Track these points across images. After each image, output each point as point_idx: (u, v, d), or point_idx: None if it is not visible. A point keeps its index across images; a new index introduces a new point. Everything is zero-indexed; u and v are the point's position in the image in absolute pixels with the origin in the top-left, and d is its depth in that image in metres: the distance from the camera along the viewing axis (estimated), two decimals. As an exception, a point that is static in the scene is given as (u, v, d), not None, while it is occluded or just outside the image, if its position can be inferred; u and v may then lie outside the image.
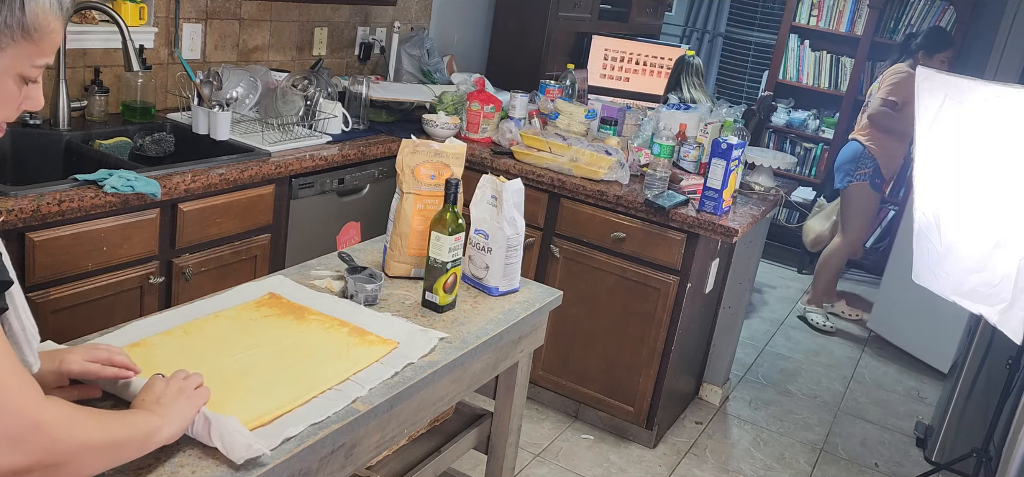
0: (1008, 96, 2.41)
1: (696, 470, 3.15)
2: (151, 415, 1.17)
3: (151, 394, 1.22)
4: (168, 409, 1.19)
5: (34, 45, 1.00)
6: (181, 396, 1.23)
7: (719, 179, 2.87)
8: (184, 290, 2.42)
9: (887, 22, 5.72)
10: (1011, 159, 2.41)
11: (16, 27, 0.97)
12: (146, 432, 1.14)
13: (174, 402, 1.21)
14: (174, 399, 1.21)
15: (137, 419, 1.15)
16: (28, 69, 1.01)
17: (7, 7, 0.96)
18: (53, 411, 0.99)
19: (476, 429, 2.10)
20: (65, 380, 1.28)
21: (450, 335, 1.71)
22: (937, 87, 2.54)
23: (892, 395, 4.08)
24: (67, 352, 1.29)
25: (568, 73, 3.88)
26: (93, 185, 2.14)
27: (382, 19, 3.90)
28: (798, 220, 5.71)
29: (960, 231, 2.54)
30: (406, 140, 1.94)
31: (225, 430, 1.21)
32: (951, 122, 2.51)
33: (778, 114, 6.09)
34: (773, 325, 4.71)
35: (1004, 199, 2.42)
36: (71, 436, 1.00)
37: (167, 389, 1.23)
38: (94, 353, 1.30)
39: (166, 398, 1.21)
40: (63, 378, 1.27)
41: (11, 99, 1.02)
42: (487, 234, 1.92)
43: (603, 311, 3.13)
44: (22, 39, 0.98)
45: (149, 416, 1.16)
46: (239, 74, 3.02)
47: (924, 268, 2.67)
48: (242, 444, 1.21)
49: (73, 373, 1.28)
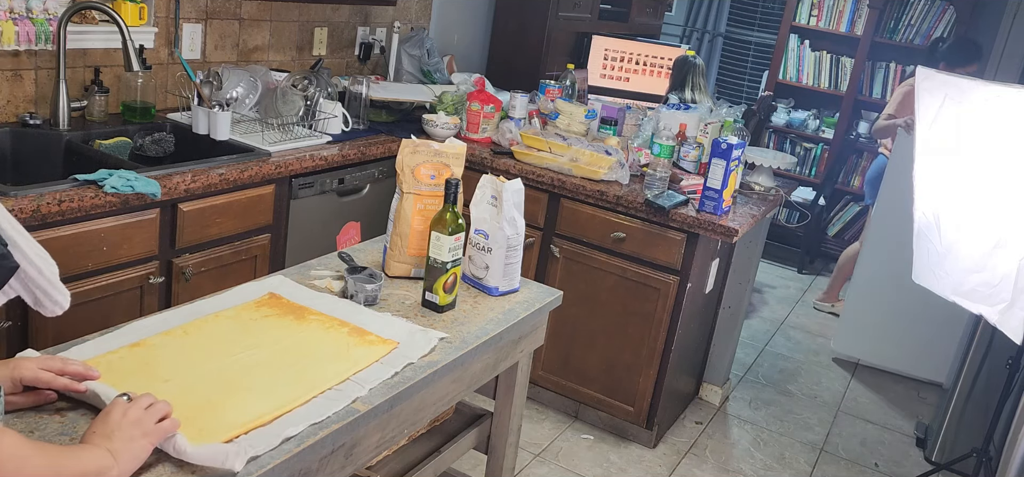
0: (1008, 96, 2.41)
1: (696, 470, 3.15)
2: (103, 453, 1.13)
3: (105, 426, 1.17)
4: (121, 447, 1.14)
5: None
6: (136, 430, 1.17)
7: (719, 179, 2.87)
8: (184, 290, 2.42)
9: (887, 22, 5.72)
10: (1011, 159, 2.41)
11: None
12: (95, 471, 1.11)
13: (129, 440, 1.16)
14: (129, 435, 1.16)
15: (88, 458, 1.12)
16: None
17: None
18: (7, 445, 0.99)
19: (476, 429, 2.10)
20: (19, 386, 1.27)
21: (450, 335, 1.71)
22: (937, 87, 2.54)
23: (892, 395, 4.08)
24: (21, 361, 1.29)
25: (568, 73, 3.88)
26: (93, 185, 2.14)
27: (382, 19, 3.90)
28: (799, 220, 5.71)
29: (960, 231, 2.54)
30: (406, 140, 1.94)
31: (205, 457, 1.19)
32: (951, 122, 2.51)
33: (778, 114, 6.09)
34: (773, 325, 4.71)
35: (1004, 199, 2.42)
36: (20, 472, 1.00)
37: (123, 420, 1.17)
38: (48, 362, 1.30)
39: (120, 433, 1.16)
40: (17, 385, 1.27)
41: None
42: (487, 234, 1.92)
43: (603, 311, 3.13)
44: None
45: (101, 455, 1.13)
46: (239, 74, 3.02)
47: (924, 268, 2.66)
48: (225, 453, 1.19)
49: (25, 380, 1.27)
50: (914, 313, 3.91)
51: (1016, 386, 2.83)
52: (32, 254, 1.12)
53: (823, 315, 4.99)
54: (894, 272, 3.64)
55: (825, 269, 5.85)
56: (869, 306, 4.11)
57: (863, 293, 4.15)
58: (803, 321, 4.85)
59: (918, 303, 3.75)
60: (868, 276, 4.12)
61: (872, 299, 4.09)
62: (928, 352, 4.05)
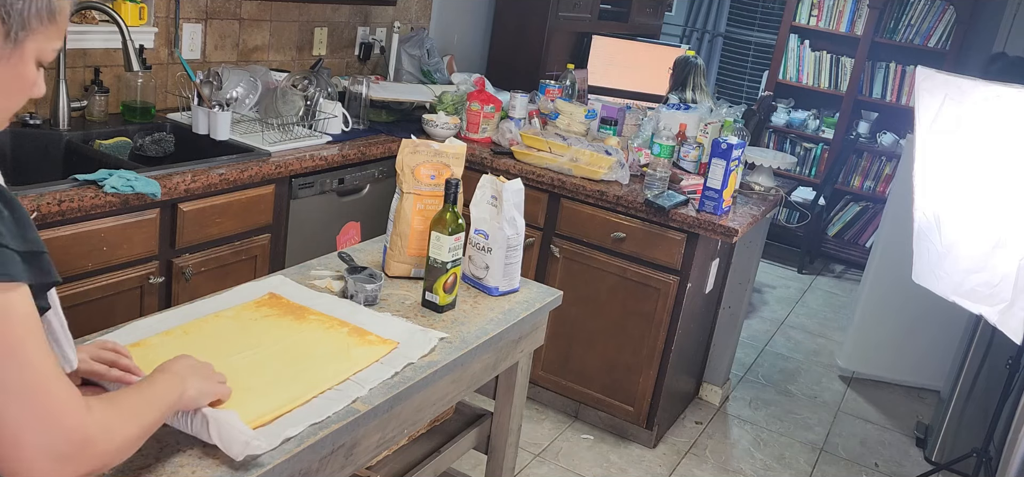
0: (1008, 96, 2.41)
1: (696, 470, 3.15)
2: (175, 379, 1.19)
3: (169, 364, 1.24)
4: (190, 374, 1.23)
5: (57, 27, 1.02)
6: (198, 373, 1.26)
7: (719, 179, 2.87)
8: (184, 290, 2.42)
9: (887, 22, 5.72)
10: (1011, 159, 2.41)
11: (44, 10, 0.99)
12: (172, 402, 1.17)
13: (193, 375, 1.24)
14: (192, 373, 1.24)
15: (164, 390, 1.17)
16: (48, 53, 1.03)
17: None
18: (97, 421, 0.99)
19: (476, 429, 2.10)
20: (78, 380, 1.28)
21: (450, 335, 1.71)
22: (937, 87, 2.54)
23: (892, 395, 4.08)
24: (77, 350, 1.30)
25: (568, 73, 3.88)
26: (93, 185, 2.14)
27: (382, 19, 3.90)
28: (799, 220, 5.71)
29: (960, 231, 2.54)
30: (406, 140, 1.94)
31: (223, 426, 1.22)
32: (951, 122, 2.52)
33: (778, 114, 6.10)
34: (773, 325, 4.71)
35: (1004, 199, 2.42)
36: (112, 441, 1.01)
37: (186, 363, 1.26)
38: (101, 353, 1.32)
39: (185, 370, 1.24)
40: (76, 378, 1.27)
41: (29, 84, 1.04)
42: (487, 234, 1.92)
43: (603, 311, 3.13)
44: (49, 21, 1.00)
45: (173, 380, 1.19)
46: (239, 74, 3.02)
47: (924, 268, 2.67)
48: (240, 441, 1.21)
49: (79, 372, 1.28)
50: (912, 322, 3.90)
51: (1016, 386, 2.83)
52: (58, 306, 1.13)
53: (823, 315, 4.99)
54: (897, 283, 3.62)
55: (825, 269, 5.85)
56: (875, 322, 4.06)
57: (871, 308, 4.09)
58: (803, 321, 4.85)
59: (917, 311, 3.75)
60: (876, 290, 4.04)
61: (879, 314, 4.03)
62: (926, 360, 4.03)
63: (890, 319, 3.96)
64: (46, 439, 0.92)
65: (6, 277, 0.90)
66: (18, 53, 0.99)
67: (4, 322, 0.90)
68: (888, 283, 3.88)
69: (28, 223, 0.96)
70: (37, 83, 1.05)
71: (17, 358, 0.91)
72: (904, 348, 4.03)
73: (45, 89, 1.07)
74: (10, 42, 0.97)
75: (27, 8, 0.97)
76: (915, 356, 4.04)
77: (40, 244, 0.97)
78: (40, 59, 1.03)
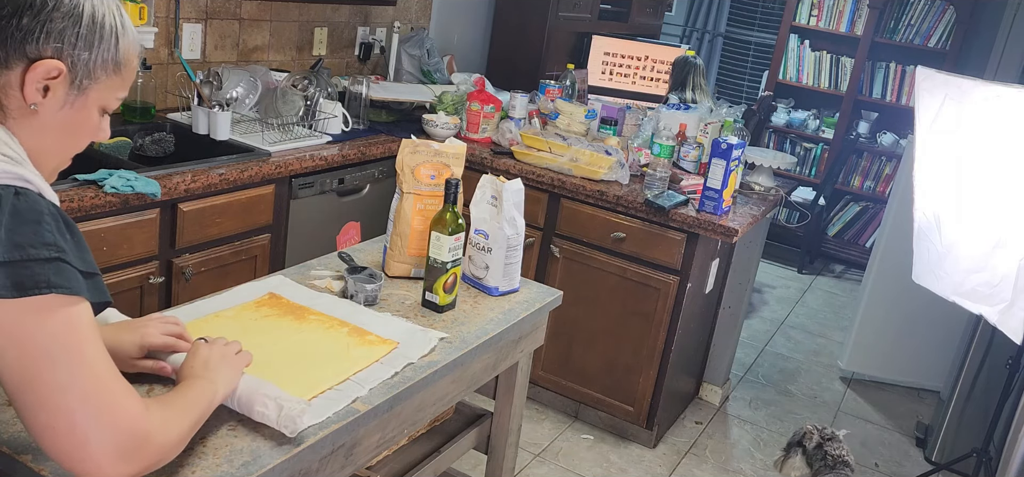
0: (1008, 96, 2.41)
1: (696, 470, 3.15)
2: (208, 383, 1.24)
3: (198, 360, 1.28)
4: (218, 374, 1.27)
5: (121, 79, 1.09)
6: (225, 361, 1.30)
7: (719, 179, 2.87)
8: (184, 290, 2.42)
9: (887, 22, 5.72)
10: (1011, 159, 2.41)
11: (110, 62, 1.06)
12: (210, 402, 1.22)
13: (220, 365, 1.28)
14: (219, 363, 1.29)
15: (200, 393, 1.21)
16: (111, 101, 1.10)
17: (105, 44, 1.04)
18: (155, 419, 1.06)
19: (476, 429, 2.10)
20: (145, 352, 1.36)
21: (450, 335, 1.71)
22: (937, 87, 2.54)
23: (892, 395, 4.08)
24: (145, 324, 1.38)
25: (568, 73, 3.88)
26: (93, 185, 2.14)
27: (382, 19, 3.90)
28: (799, 220, 5.72)
29: (960, 231, 2.54)
30: (406, 140, 1.94)
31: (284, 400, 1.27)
32: (951, 122, 2.52)
33: (778, 114, 6.09)
34: (773, 325, 4.71)
35: (1004, 199, 2.42)
36: (168, 437, 1.08)
37: (211, 354, 1.30)
38: (168, 326, 1.39)
39: (213, 362, 1.28)
40: (144, 350, 1.36)
41: (93, 130, 1.11)
42: (487, 234, 1.92)
43: (603, 311, 3.13)
44: (114, 73, 1.07)
45: (206, 385, 1.23)
46: (239, 74, 3.02)
47: (924, 268, 2.67)
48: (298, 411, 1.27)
49: (155, 346, 1.36)
50: (912, 322, 3.89)
51: (1016, 386, 2.83)
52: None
53: (823, 315, 4.99)
54: (898, 283, 3.61)
55: (825, 269, 5.85)
56: (876, 322, 4.05)
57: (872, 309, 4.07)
58: (803, 321, 4.85)
59: (917, 311, 3.74)
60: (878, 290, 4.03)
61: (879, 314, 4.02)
62: (926, 360, 4.03)
63: (891, 319, 3.96)
64: (112, 437, 0.99)
65: (73, 292, 0.97)
66: (82, 100, 1.06)
67: (72, 333, 0.97)
68: (889, 283, 3.88)
69: (86, 247, 1.03)
70: (100, 128, 1.11)
71: (85, 366, 0.98)
72: (904, 348, 4.03)
73: (109, 133, 1.14)
74: (74, 90, 1.04)
75: (93, 59, 1.03)
76: (915, 356, 4.04)
77: (95, 267, 1.04)
78: (104, 107, 1.09)
